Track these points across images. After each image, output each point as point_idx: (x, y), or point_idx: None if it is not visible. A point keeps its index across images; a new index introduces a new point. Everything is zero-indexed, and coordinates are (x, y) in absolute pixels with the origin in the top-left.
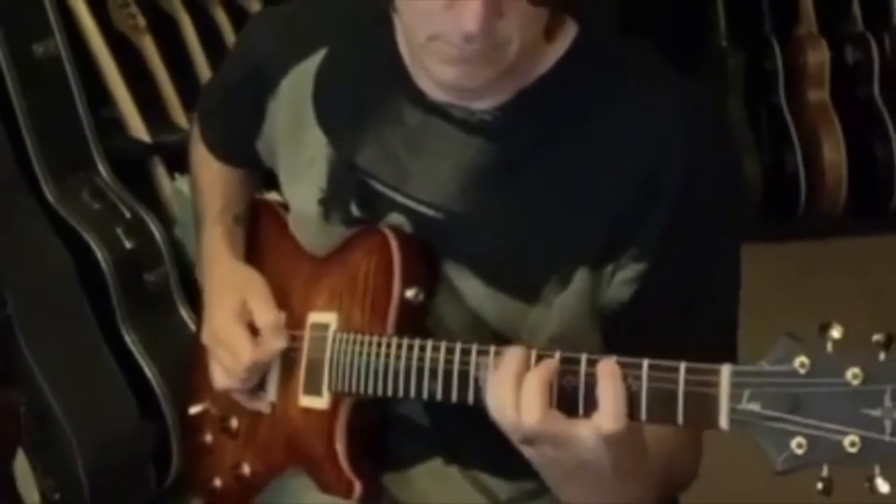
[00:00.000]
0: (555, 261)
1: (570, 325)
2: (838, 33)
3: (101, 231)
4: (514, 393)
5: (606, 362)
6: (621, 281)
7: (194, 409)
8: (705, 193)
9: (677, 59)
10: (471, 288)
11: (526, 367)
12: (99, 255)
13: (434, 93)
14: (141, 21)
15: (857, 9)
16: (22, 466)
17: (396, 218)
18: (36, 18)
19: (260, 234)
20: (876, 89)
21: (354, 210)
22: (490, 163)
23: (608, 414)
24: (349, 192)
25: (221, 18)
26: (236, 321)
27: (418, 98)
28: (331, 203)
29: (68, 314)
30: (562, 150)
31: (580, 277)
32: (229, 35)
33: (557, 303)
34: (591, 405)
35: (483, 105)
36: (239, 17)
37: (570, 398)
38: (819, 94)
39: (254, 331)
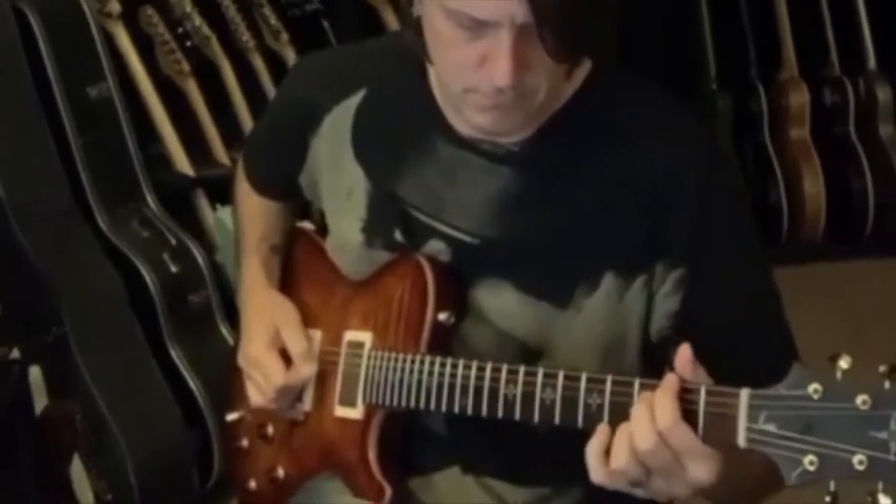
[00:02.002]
0: (582, 267)
1: (600, 333)
2: (817, 77)
3: (150, 256)
4: (647, 405)
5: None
6: (665, 294)
7: (231, 417)
8: (719, 199)
9: None
10: (505, 302)
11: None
12: (147, 278)
13: (464, 129)
14: (186, 66)
15: (834, 55)
16: (77, 470)
17: (436, 244)
18: (90, 64)
19: (298, 260)
20: (851, 128)
21: (398, 236)
22: (518, 189)
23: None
24: (392, 220)
25: (259, 64)
26: (269, 348)
27: (450, 134)
28: (373, 230)
29: (120, 332)
30: (582, 172)
31: (608, 281)
32: (266, 79)
33: (587, 306)
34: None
35: (509, 139)
36: (275, 63)
37: None
38: (800, 133)
39: (285, 357)
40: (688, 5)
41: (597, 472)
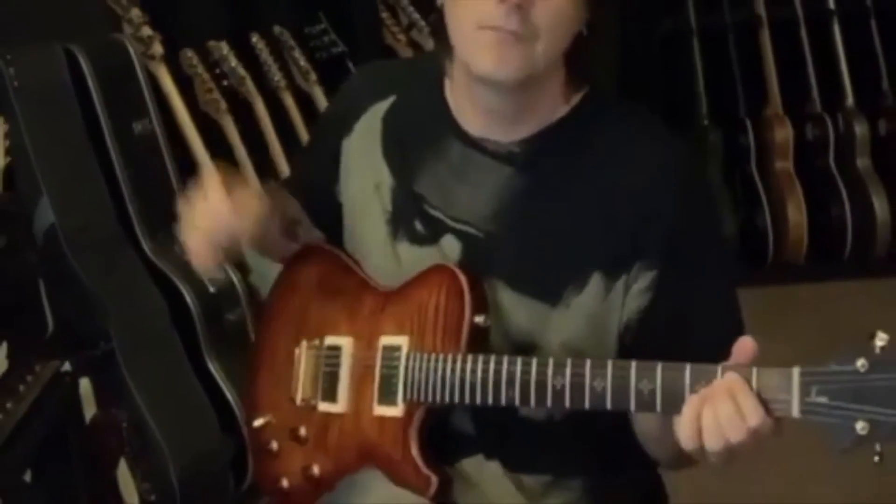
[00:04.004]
0: (572, 266)
1: (585, 329)
2: (800, 114)
3: (190, 278)
4: (733, 405)
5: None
6: (638, 291)
7: (257, 423)
8: (693, 208)
9: None
10: (504, 298)
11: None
12: (187, 298)
13: (472, 128)
14: (222, 103)
15: (815, 93)
16: (123, 473)
17: (449, 238)
18: (135, 101)
19: (318, 274)
20: (831, 160)
21: (419, 227)
22: (517, 188)
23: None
24: (413, 213)
25: (289, 102)
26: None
27: (461, 134)
28: (397, 222)
29: (162, 347)
30: (576, 178)
31: (595, 281)
32: (295, 115)
33: (575, 304)
34: None
35: (510, 137)
36: (304, 100)
37: None
38: (784, 165)
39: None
40: (682, 48)
41: (688, 443)
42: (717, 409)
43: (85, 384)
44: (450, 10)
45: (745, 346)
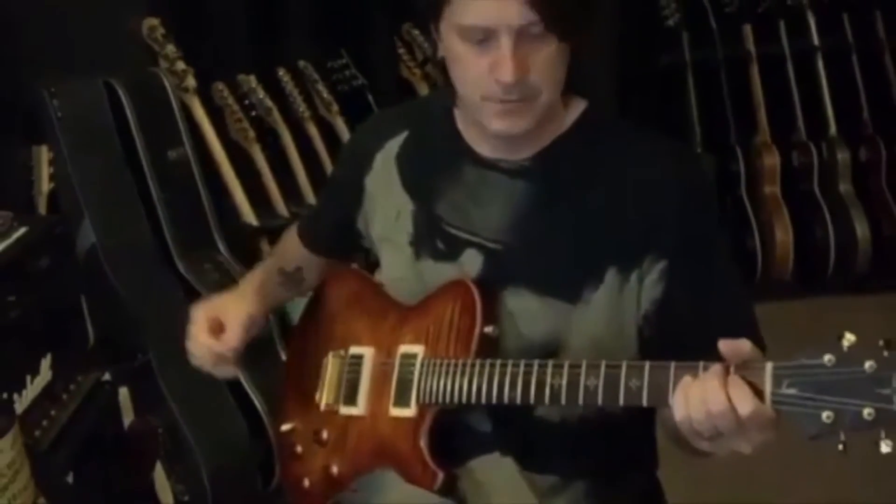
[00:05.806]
0: (588, 264)
1: (605, 323)
2: (787, 142)
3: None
4: (723, 392)
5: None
6: (651, 283)
7: (285, 427)
8: (696, 201)
9: None
10: (527, 304)
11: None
12: None
13: (485, 151)
14: (251, 132)
15: (801, 123)
16: (159, 475)
17: (470, 252)
18: (170, 130)
19: (350, 293)
20: (816, 185)
21: (440, 244)
22: (531, 199)
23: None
24: (433, 234)
25: (313, 131)
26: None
27: (474, 157)
28: (419, 243)
29: None
30: (585, 182)
31: (610, 277)
32: (319, 143)
33: (594, 300)
34: None
35: (521, 156)
36: (327, 129)
37: None
38: (772, 189)
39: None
40: (677, 81)
41: (678, 411)
42: (704, 383)
43: (123, 393)
44: (452, 71)
45: (740, 347)
